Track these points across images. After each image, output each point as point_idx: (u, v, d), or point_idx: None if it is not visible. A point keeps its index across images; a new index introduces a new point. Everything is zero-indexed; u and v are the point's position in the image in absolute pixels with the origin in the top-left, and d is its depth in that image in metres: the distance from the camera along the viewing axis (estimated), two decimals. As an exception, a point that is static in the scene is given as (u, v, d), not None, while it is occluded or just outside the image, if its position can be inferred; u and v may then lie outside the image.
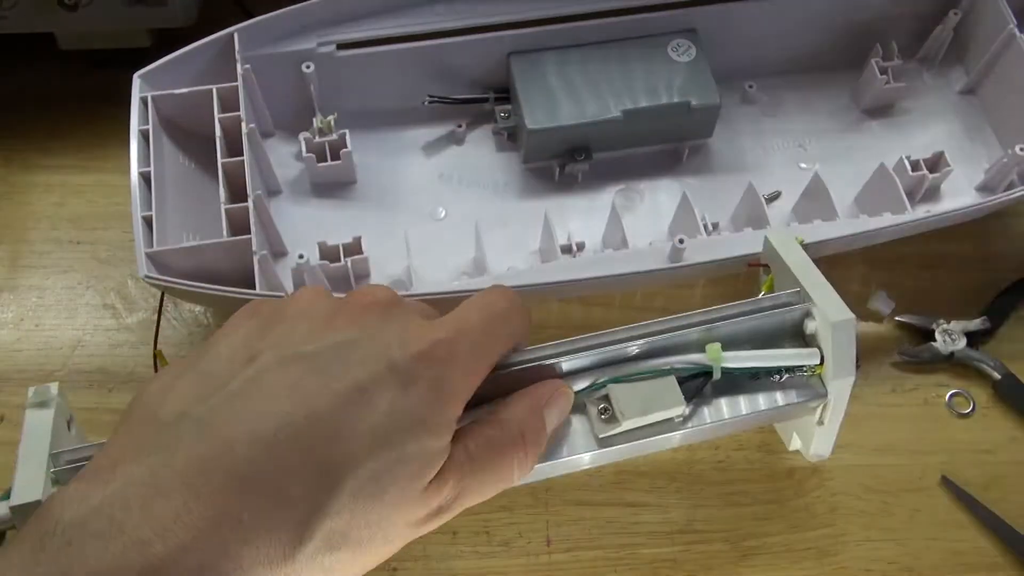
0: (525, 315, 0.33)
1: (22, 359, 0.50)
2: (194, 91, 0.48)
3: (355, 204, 0.53)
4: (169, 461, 0.25)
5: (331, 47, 0.51)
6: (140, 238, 0.43)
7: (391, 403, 0.27)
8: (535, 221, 0.51)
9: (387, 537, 0.28)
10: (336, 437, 0.26)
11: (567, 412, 0.34)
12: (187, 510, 0.24)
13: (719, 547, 0.45)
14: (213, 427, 0.26)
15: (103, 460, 0.26)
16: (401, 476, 0.27)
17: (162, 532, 0.24)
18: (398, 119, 0.55)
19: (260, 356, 0.28)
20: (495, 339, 0.32)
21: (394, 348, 0.28)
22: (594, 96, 0.52)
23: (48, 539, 0.24)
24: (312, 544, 0.26)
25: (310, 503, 0.26)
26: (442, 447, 0.29)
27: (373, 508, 0.27)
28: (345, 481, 0.26)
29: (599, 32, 0.53)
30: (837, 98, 0.57)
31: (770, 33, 0.55)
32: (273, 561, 0.25)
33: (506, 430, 0.31)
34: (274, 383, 0.27)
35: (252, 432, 0.26)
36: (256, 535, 0.25)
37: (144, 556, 0.23)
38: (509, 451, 0.31)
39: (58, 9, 0.51)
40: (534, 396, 0.33)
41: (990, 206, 0.49)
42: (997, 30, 0.53)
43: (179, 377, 0.29)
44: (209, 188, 0.49)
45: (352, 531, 0.27)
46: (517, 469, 0.31)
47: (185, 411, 0.27)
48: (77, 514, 0.24)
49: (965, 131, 0.56)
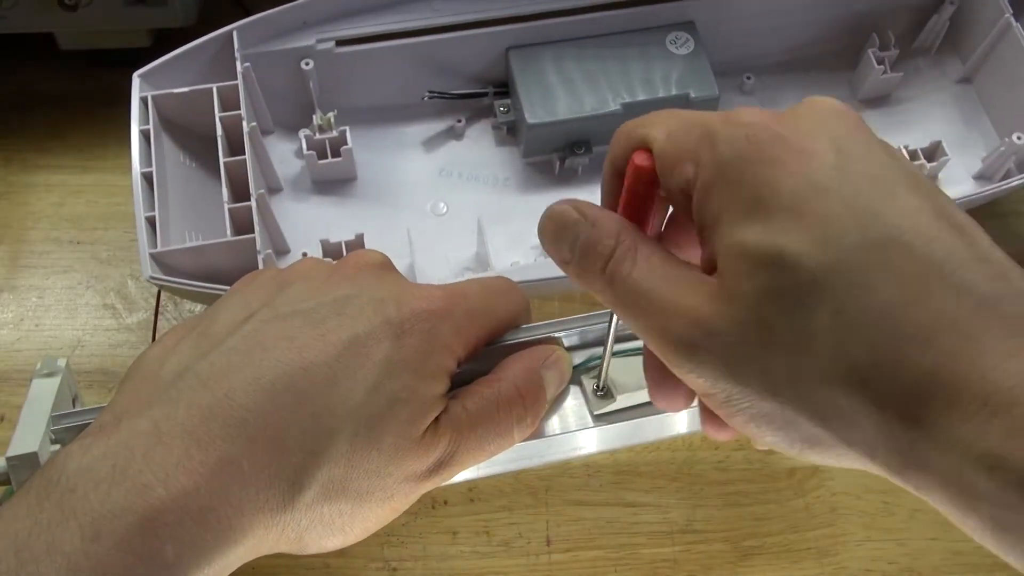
0: (525, 298, 0.34)
1: (22, 359, 0.50)
2: (194, 90, 0.48)
3: (356, 201, 0.53)
4: (171, 413, 0.26)
5: (330, 44, 0.51)
6: (143, 239, 0.43)
7: (385, 353, 0.28)
8: (535, 215, 0.50)
9: (386, 491, 0.28)
10: (332, 385, 0.27)
11: (566, 378, 0.34)
12: (188, 456, 0.25)
13: (719, 547, 0.45)
14: (213, 379, 0.26)
15: (106, 417, 0.27)
16: (395, 421, 0.28)
17: (164, 478, 0.24)
18: (397, 115, 0.55)
19: (258, 313, 0.29)
20: (491, 308, 0.32)
21: (389, 304, 0.29)
22: (593, 90, 0.52)
23: (52, 487, 0.24)
24: (310, 492, 0.27)
25: (307, 450, 0.26)
26: (435, 395, 0.29)
27: (370, 456, 0.27)
28: (342, 427, 0.27)
29: (597, 26, 0.53)
30: (835, 89, 0.57)
31: (767, 25, 0.56)
32: (272, 508, 0.26)
33: (503, 387, 0.31)
34: (271, 336, 0.28)
35: (251, 382, 0.26)
36: (256, 480, 0.25)
37: (147, 500, 0.24)
38: (505, 407, 0.31)
39: (58, 9, 0.51)
40: (529, 357, 0.32)
41: (989, 194, 0.49)
42: (993, 19, 0.53)
43: (179, 340, 0.29)
44: (209, 187, 0.49)
45: (350, 481, 0.27)
46: (516, 427, 0.31)
47: (186, 367, 0.27)
48: (81, 463, 0.25)
49: (962, 120, 0.56)
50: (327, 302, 0.29)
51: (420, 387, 0.28)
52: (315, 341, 0.27)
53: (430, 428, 0.29)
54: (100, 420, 0.27)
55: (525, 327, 0.34)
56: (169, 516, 0.24)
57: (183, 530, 0.24)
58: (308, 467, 0.26)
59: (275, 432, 0.26)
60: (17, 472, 0.32)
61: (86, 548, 0.23)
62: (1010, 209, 0.55)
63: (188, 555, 0.24)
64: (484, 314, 0.32)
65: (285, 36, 0.51)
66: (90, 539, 0.23)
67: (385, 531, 0.45)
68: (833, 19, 0.57)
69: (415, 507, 0.46)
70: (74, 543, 0.23)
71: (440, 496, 0.46)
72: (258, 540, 0.26)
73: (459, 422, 0.29)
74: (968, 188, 0.53)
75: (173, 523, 0.24)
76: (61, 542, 0.23)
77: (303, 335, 0.28)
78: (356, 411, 0.27)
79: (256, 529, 0.26)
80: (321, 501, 0.27)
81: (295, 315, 0.28)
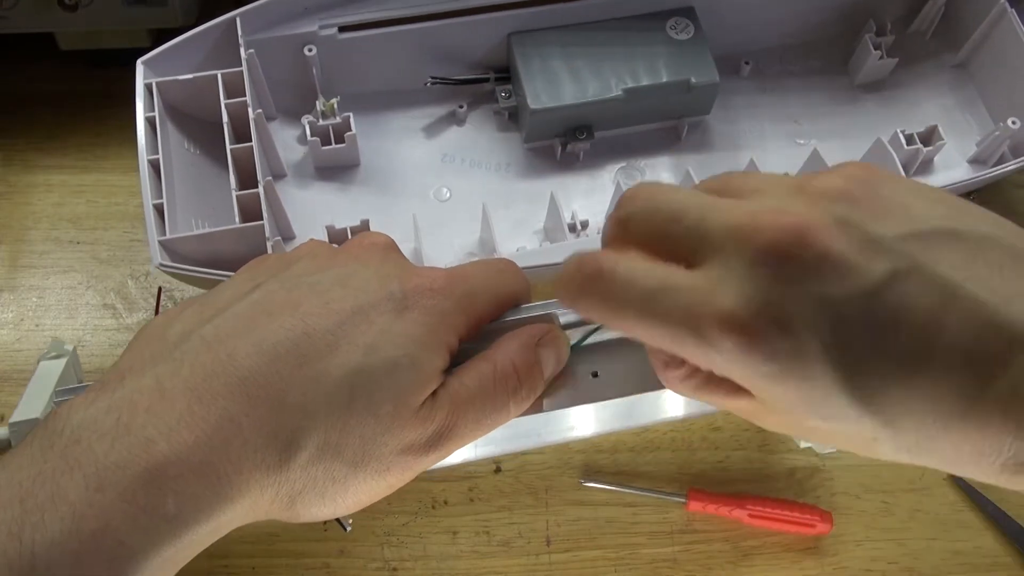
0: (525, 278, 0.34)
1: (22, 359, 0.50)
2: (198, 76, 0.48)
3: (359, 186, 0.53)
4: (175, 371, 0.26)
5: (333, 29, 0.51)
6: (152, 226, 0.43)
7: (388, 322, 0.28)
8: (538, 200, 0.52)
9: (382, 461, 0.29)
10: (333, 350, 0.27)
11: (563, 357, 0.34)
12: (190, 412, 0.25)
13: (719, 547, 0.46)
14: (217, 341, 0.27)
15: (111, 375, 0.27)
16: (394, 389, 0.28)
17: (167, 432, 0.25)
18: (399, 101, 0.55)
19: (264, 284, 0.29)
20: (493, 288, 0.33)
21: (393, 279, 0.30)
22: (595, 75, 0.52)
23: (56, 437, 0.25)
24: (306, 453, 0.27)
25: (304, 410, 0.27)
26: (435, 367, 0.29)
27: (366, 422, 0.28)
28: (339, 390, 0.27)
29: (598, 11, 0.54)
30: (832, 74, 0.58)
31: (766, 11, 0.56)
32: (269, 467, 0.26)
33: (499, 363, 0.31)
34: (277, 303, 0.28)
35: (254, 344, 0.27)
36: (254, 438, 0.26)
37: (149, 453, 0.25)
38: (502, 381, 0.31)
39: (58, 9, 0.51)
40: (525, 333, 0.33)
41: (983, 179, 0.50)
42: (988, 5, 0.54)
43: (185, 308, 0.30)
44: (214, 174, 0.50)
45: (345, 446, 0.28)
46: (512, 402, 0.31)
47: (191, 330, 0.28)
48: (85, 416, 0.25)
49: (957, 105, 0.57)
50: (332, 275, 0.30)
51: (421, 356, 0.29)
52: (319, 309, 0.28)
53: (428, 400, 0.29)
54: (104, 378, 0.27)
55: (525, 306, 0.34)
56: (171, 469, 0.25)
57: (184, 484, 0.25)
58: (305, 427, 0.27)
59: (274, 392, 0.26)
60: (18, 438, 0.32)
61: (90, 498, 0.24)
62: (1010, 209, 0.55)
63: (188, 508, 0.25)
64: (485, 293, 0.32)
65: (288, 22, 0.51)
66: (94, 489, 0.24)
67: (385, 531, 0.46)
68: (830, 5, 0.57)
69: (415, 507, 0.47)
70: (78, 492, 0.24)
71: (440, 496, 0.47)
72: (253, 501, 0.27)
73: (457, 396, 0.30)
74: (963, 172, 0.54)
75: (175, 476, 0.25)
76: (66, 491, 0.24)
77: (308, 303, 0.28)
78: (354, 374, 0.27)
79: (252, 488, 0.26)
80: (315, 463, 0.27)
81: (301, 285, 0.29)
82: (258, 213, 0.44)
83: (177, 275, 0.44)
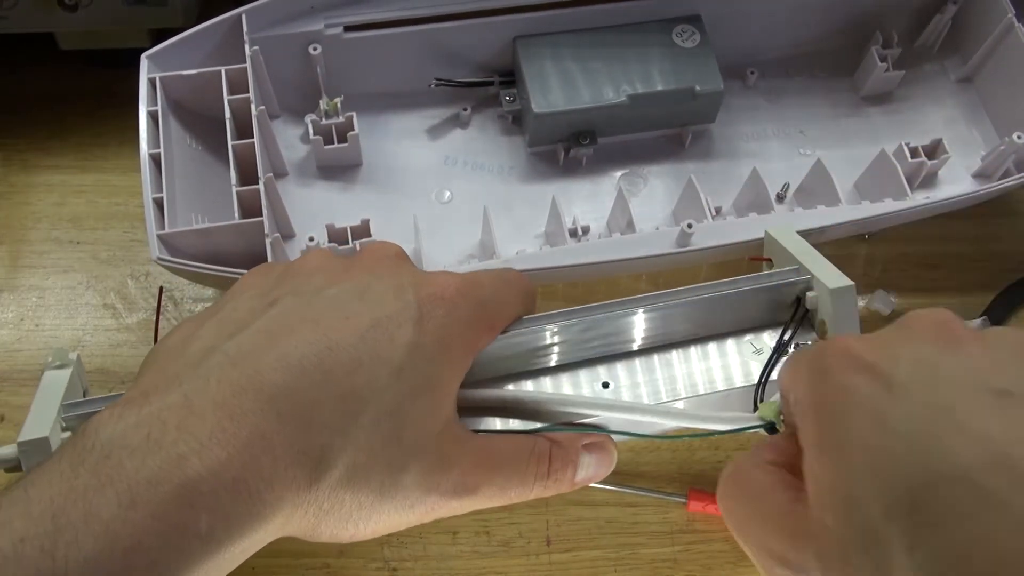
0: (533, 289, 0.35)
1: (22, 359, 0.50)
2: (202, 72, 0.48)
3: (361, 186, 0.53)
4: (202, 387, 0.26)
5: (338, 29, 0.51)
6: (151, 220, 0.43)
7: (408, 337, 0.29)
8: (539, 205, 0.52)
9: (408, 497, 0.29)
10: (356, 367, 0.27)
11: (603, 469, 0.34)
12: (221, 429, 0.25)
13: (719, 547, 0.45)
14: (241, 357, 0.27)
15: (134, 393, 0.27)
16: (416, 413, 0.28)
17: (198, 449, 0.25)
18: (403, 102, 0.55)
19: (281, 299, 0.29)
20: (503, 297, 0.33)
21: (407, 289, 0.30)
22: (599, 81, 0.52)
23: (87, 454, 0.24)
24: (335, 473, 0.27)
25: (333, 429, 0.27)
26: (451, 388, 0.30)
27: (391, 448, 0.28)
28: (366, 409, 0.27)
29: (604, 17, 0.53)
30: (837, 85, 0.58)
31: (773, 20, 0.56)
32: (299, 485, 0.26)
33: (539, 443, 0.32)
34: (297, 318, 0.28)
35: (279, 359, 0.27)
36: (285, 455, 0.26)
37: (182, 470, 0.24)
38: (535, 462, 0.31)
39: (58, 9, 0.51)
40: (575, 434, 0.33)
41: (988, 193, 0.50)
42: (996, 20, 0.54)
43: (200, 326, 0.30)
44: (215, 170, 0.49)
45: (373, 472, 0.28)
46: (535, 484, 0.31)
47: (212, 346, 0.28)
48: (115, 431, 0.25)
49: (963, 119, 0.57)
50: (349, 288, 0.30)
51: (438, 372, 0.29)
52: (340, 323, 0.28)
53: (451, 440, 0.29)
54: (127, 396, 0.27)
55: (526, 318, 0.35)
56: (204, 486, 0.24)
57: (217, 501, 0.24)
58: (333, 447, 0.27)
59: (303, 409, 0.26)
60: (28, 457, 0.31)
61: (123, 515, 0.23)
62: (1010, 208, 0.55)
63: (220, 527, 0.25)
64: (496, 303, 0.33)
65: (293, 20, 0.51)
66: (127, 506, 0.23)
67: (385, 531, 0.46)
68: (837, 16, 0.57)
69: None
70: (111, 510, 0.23)
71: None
72: (285, 519, 0.27)
73: (486, 454, 0.30)
74: (967, 186, 0.54)
75: (207, 493, 0.24)
76: (99, 509, 0.23)
77: (328, 318, 0.28)
78: (380, 395, 0.28)
79: (284, 506, 0.26)
80: (345, 486, 0.27)
81: (319, 300, 0.29)
82: (258, 209, 0.44)
83: (175, 270, 0.43)
